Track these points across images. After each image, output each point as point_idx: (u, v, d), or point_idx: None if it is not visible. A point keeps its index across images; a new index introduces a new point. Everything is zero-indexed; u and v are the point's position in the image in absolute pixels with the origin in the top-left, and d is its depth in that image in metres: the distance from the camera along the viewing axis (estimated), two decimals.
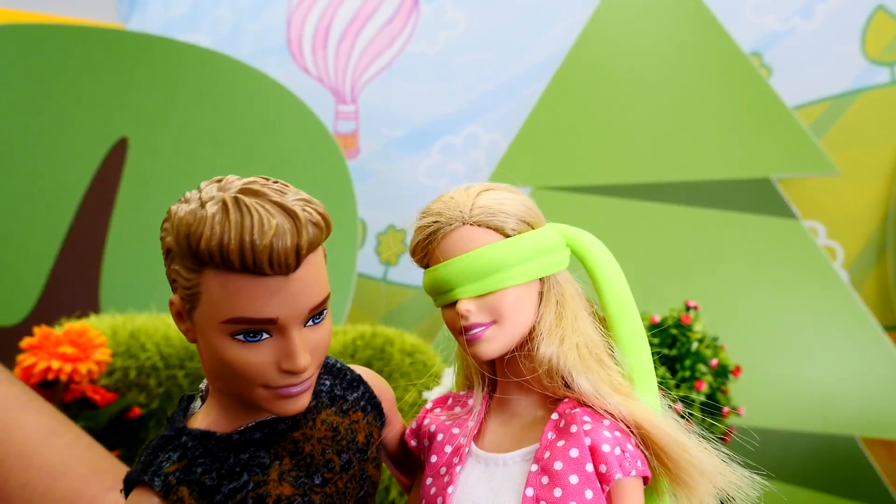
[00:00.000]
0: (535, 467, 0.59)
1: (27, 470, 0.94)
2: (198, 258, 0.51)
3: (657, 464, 0.60)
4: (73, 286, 2.00)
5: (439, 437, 0.66)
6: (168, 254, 0.54)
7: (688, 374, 1.33)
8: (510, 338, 0.62)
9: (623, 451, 0.59)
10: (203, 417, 0.59)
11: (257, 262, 0.50)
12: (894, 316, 2.02)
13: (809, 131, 1.98)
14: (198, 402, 0.62)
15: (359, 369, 0.70)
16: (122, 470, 1.01)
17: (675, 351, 1.37)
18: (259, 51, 2.62)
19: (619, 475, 0.57)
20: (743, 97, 2.03)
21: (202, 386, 0.63)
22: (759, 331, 1.87)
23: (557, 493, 0.57)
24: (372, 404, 0.68)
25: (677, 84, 2.08)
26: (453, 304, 0.62)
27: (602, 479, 0.58)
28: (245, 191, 0.52)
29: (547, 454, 0.59)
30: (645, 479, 0.60)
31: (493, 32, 2.45)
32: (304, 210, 0.52)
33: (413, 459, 0.73)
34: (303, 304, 0.53)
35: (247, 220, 0.50)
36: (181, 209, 0.53)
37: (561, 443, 0.59)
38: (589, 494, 0.57)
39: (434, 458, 0.64)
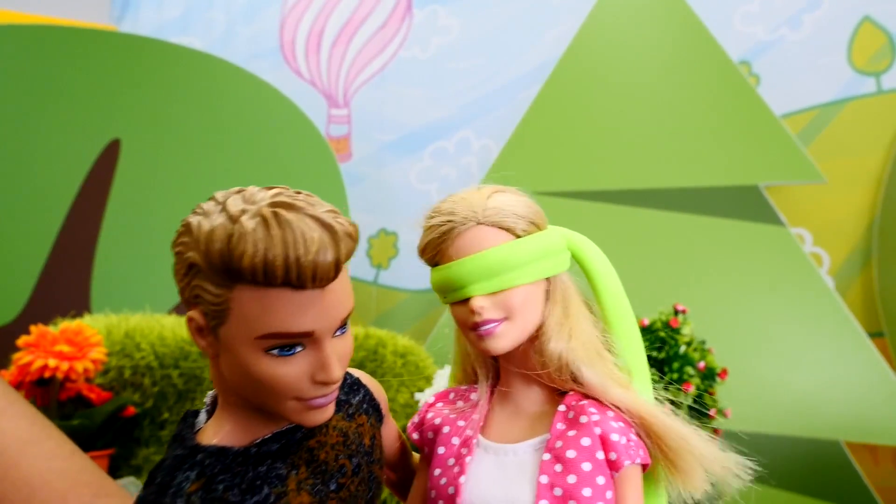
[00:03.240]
0: (547, 456, 0.62)
1: (2, 482, 0.90)
2: (232, 274, 0.50)
3: (656, 452, 0.64)
4: (63, 286, 2.00)
5: (445, 429, 0.68)
6: (190, 269, 0.52)
7: (676, 376, 1.35)
8: (521, 333, 0.65)
9: (628, 440, 0.62)
10: (214, 432, 0.58)
11: (302, 277, 0.49)
12: (878, 322, 2.05)
13: (796, 140, 2.00)
14: (203, 417, 0.61)
15: (355, 372, 0.71)
16: (102, 482, 0.97)
17: (664, 354, 1.39)
18: (252, 54, 2.62)
19: (627, 462, 0.61)
20: (731, 105, 2.06)
21: (207, 400, 0.62)
22: (746, 335, 1.89)
23: (571, 479, 0.60)
24: (372, 406, 0.69)
25: (667, 92, 2.11)
26: (464, 300, 0.64)
27: (612, 465, 0.61)
28: (281, 204, 0.51)
29: (559, 443, 0.62)
30: (644, 466, 0.64)
31: (485, 38, 2.47)
32: (337, 222, 0.52)
33: (402, 456, 0.75)
34: (336, 315, 0.53)
35: (289, 236, 0.49)
36: (205, 223, 0.52)
37: (572, 432, 0.62)
38: (601, 480, 0.60)
39: (442, 450, 0.66)
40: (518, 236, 0.65)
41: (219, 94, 2.26)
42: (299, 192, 0.55)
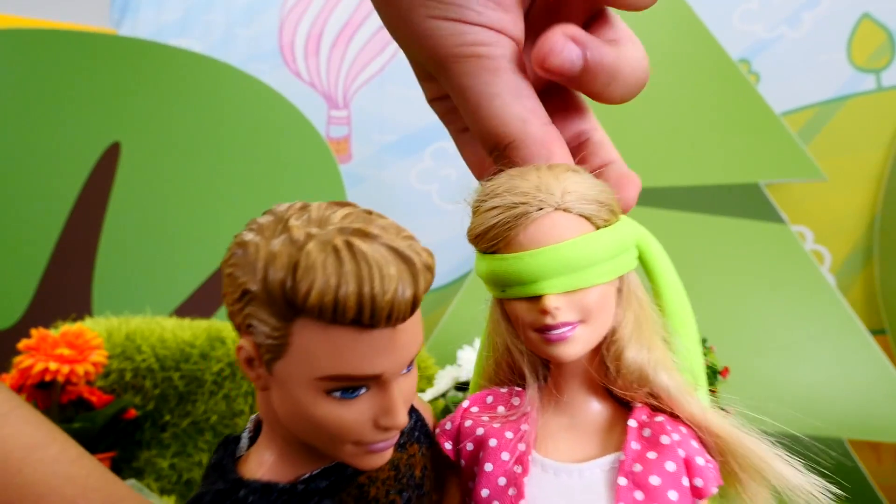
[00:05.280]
0: (623, 481, 0.53)
1: (8, 490, 0.88)
2: (295, 307, 0.44)
3: (729, 470, 0.55)
4: (64, 290, 2.01)
5: (492, 442, 0.57)
6: (244, 296, 0.46)
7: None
8: (595, 339, 0.56)
9: (707, 462, 0.54)
10: (257, 465, 0.52)
11: (376, 316, 0.43)
12: (880, 320, 2.05)
13: (797, 137, 2.00)
14: (244, 442, 0.55)
15: None
16: (112, 486, 0.96)
17: None
18: (251, 56, 2.63)
19: (714, 490, 0.53)
20: (731, 104, 2.05)
21: (249, 425, 0.56)
22: (748, 333, 1.89)
23: None
24: (424, 433, 0.62)
25: (667, 90, 2.10)
26: (531, 298, 0.55)
27: (696, 493, 0.53)
28: (354, 231, 0.45)
29: (637, 467, 0.53)
30: None
31: None
32: (415, 252, 0.45)
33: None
34: (406, 355, 0.47)
35: (364, 271, 0.43)
36: (264, 245, 0.45)
37: (652, 454, 0.54)
38: None
39: (489, 467, 0.56)
40: (597, 227, 0.55)
41: (218, 97, 2.26)
42: (370, 213, 0.48)
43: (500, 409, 0.60)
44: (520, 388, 0.61)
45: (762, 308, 1.92)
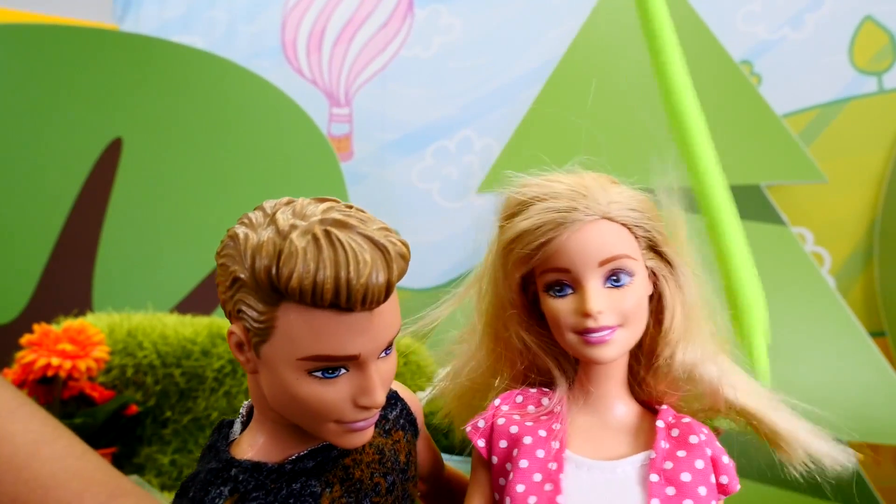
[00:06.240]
0: (655, 477, 0.56)
1: (16, 484, 0.89)
2: (278, 292, 0.48)
3: (763, 438, 0.62)
4: (66, 285, 2.01)
5: (526, 439, 0.60)
6: (234, 283, 0.50)
7: None
8: (631, 342, 0.60)
9: (731, 462, 0.59)
10: (249, 445, 0.56)
11: (352, 300, 0.47)
12: (880, 322, 2.05)
13: (798, 139, 2.00)
14: (237, 427, 0.59)
15: (392, 384, 0.67)
16: (117, 481, 0.97)
17: None
18: (254, 53, 2.63)
19: (738, 487, 0.58)
20: (733, 105, 2.05)
21: (242, 410, 0.61)
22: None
23: None
24: (409, 421, 0.66)
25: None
26: (574, 301, 0.59)
27: (722, 489, 0.57)
28: (332, 222, 0.49)
29: (668, 464, 0.57)
30: None
31: (487, 37, 2.47)
32: (389, 241, 0.50)
33: (434, 467, 0.71)
34: (383, 338, 0.51)
35: (341, 257, 0.47)
36: (252, 237, 0.50)
37: (681, 453, 0.58)
38: None
39: (525, 463, 0.59)
40: (636, 237, 0.60)
41: (220, 93, 2.26)
42: (350, 207, 0.53)
43: (531, 408, 0.63)
44: (546, 389, 0.64)
45: None
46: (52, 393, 1.31)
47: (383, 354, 0.53)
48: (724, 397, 0.61)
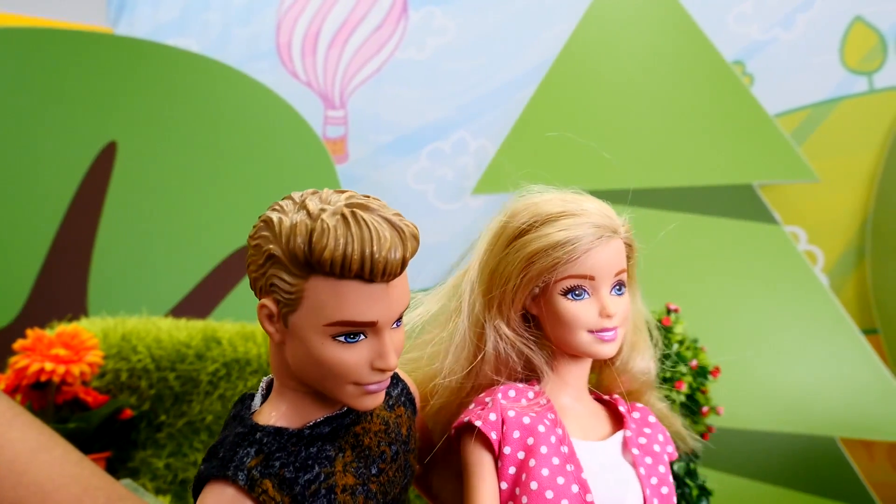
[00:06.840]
0: (637, 451, 0.71)
1: (17, 488, 0.92)
2: (310, 265, 0.56)
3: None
4: (60, 289, 2.01)
5: (540, 427, 0.69)
6: (268, 260, 0.57)
7: (668, 374, 1.35)
8: (621, 341, 0.73)
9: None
10: (270, 414, 0.63)
11: (374, 271, 0.55)
12: (872, 319, 2.06)
13: (790, 139, 2.01)
14: (258, 400, 0.65)
15: None
16: (113, 486, 0.99)
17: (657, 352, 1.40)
18: (248, 56, 2.63)
19: (676, 454, 0.73)
20: (726, 105, 2.06)
21: (262, 384, 0.67)
22: (742, 333, 1.90)
23: (662, 469, 0.70)
24: (409, 399, 0.74)
25: (662, 91, 2.11)
26: (593, 303, 0.71)
27: (670, 456, 0.73)
28: (357, 205, 0.58)
29: (642, 440, 0.72)
30: None
31: (481, 39, 2.48)
32: (404, 223, 0.58)
33: (424, 451, 0.77)
34: (397, 308, 0.59)
35: (366, 234, 0.55)
36: (286, 220, 0.57)
37: (647, 430, 0.73)
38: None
39: (545, 449, 0.68)
40: (628, 257, 0.73)
41: (215, 96, 2.26)
42: (367, 196, 0.60)
43: (523, 401, 0.72)
44: (526, 385, 0.74)
45: (755, 308, 1.93)
46: (45, 398, 1.31)
47: (395, 326, 0.60)
48: (651, 388, 0.77)
